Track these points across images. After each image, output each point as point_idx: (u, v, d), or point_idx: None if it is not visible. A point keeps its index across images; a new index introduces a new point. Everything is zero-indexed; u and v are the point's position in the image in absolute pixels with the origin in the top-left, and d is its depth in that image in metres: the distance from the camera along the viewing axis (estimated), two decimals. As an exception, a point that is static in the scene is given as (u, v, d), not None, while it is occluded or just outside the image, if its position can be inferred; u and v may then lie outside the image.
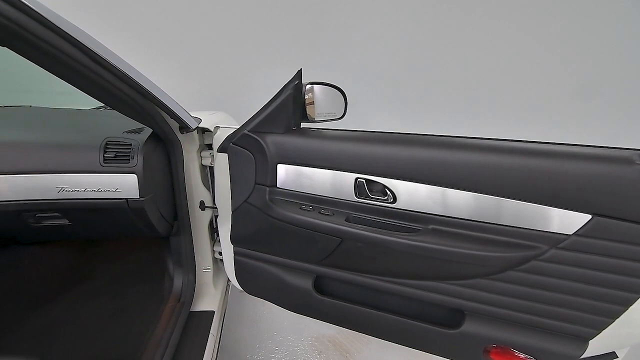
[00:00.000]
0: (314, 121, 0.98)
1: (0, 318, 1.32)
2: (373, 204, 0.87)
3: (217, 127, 1.23)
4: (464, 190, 0.78)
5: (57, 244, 1.67)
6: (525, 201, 0.74)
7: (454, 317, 0.89)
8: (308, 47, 2.75)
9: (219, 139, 1.18)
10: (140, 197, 1.08)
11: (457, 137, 0.85)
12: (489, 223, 0.78)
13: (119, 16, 2.54)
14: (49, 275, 1.60)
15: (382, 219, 0.86)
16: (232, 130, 1.05)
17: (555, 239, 0.72)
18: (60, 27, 0.59)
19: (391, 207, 0.85)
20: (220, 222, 1.27)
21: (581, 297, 0.74)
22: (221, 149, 1.05)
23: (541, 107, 2.77)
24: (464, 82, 2.81)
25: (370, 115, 2.79)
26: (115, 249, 1.83)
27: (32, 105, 1.47)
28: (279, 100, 0.91)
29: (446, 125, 2.86)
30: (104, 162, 1.05)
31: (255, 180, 0.98)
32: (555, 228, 0.72)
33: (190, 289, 1.33)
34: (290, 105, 0.91)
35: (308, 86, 0.94)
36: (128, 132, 1.12)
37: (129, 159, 1.06)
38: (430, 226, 0.83)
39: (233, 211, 1.05)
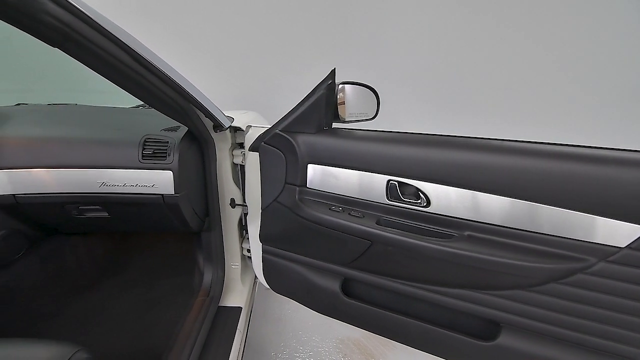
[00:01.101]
0: (344, 121, 0.97)
1: (43, 304, 1.41)
2: (405, 207, 0.84)
3: (249, 126, 1.24)
4: (503, 195, 0.74)
5: (96, 235, 1.76)
6: (570, 209, 0.69)
7: (488, 329, 0.85)
8: (337, 46, 2.74)
9: (250, 138, 1.20)
10: (175, 193, 1.11)
11: (495, 139, 0.81)
12: (530, 231, 0.74)
13: (153, 16, 2.64)
14: (88, 264, 1.69)
15: (414, 223, 0.84)
16: (263, 130, 1.06)
17: (604, 252, 0.67)
18: (108, 29, 0.62)
19: (424, 211, 0.82)
20: (249, 219, 1.29)
21: (634, 316, 0.68)
22: (252, 148, 1.06)
23: (591, 109, 2.61)
24: (502, 82, 2.69)
25: (398, 115, 2.74)
26: (150, 242, 1.90)
27: (77, 103, 1.56)
28: (311, 100, 0.91)
29: (482, 127, 2.75)
30: (143, 159, 1.10)
31: (285, 180, 0.98)
32: (603, 239, 0.67)
33: (219, 284, 1.36)
34: (323, 105, 0.91)
35: (340, 86, 0.93)
36: (165, 130, 1.16)
37: (166, 156, 1.10)
38: (466, 232, 0.80)
39: (263, 210, 1.06)
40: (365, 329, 1.04)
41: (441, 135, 0.88)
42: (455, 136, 0.86)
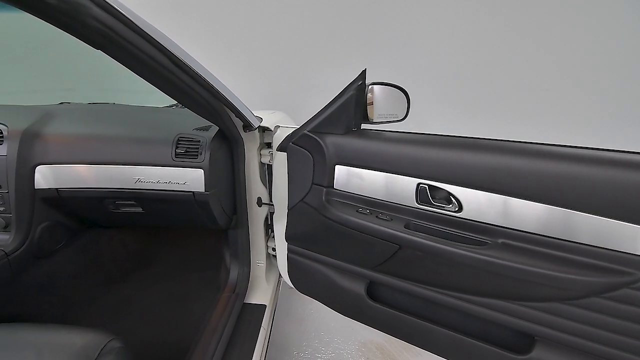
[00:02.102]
0: (373, 122, 0.95)
1: (80, 292, 1.49)
2: (436, 212, 0.82)
3: (277, 127, 1.26)
4: (540, 202, 0.70)
5: (131, 229, 1.84)
6: (615, 219, 0.64)
7: (521, 342, 0.81)
8: (365, 47, 2.71)
9: (278, 138, 1.21)
10: (205, 191, 1.14)
11: (532, 143, 0.77)
12: (569, 241, 0.70)
13: (184, 16, 2.71)
14: (122, 257, 1.77)
15: (445, 229, 0.81)
16: (291, 130, 1.07)
17: None
18: (147, 31, 0.64)
19: (456, 216, 0.80)
20: (275, 219, 1.31)
21: None
22: (280, 148, 1.07)
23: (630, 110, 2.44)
24: (535, 83, 2.57)
25: (426, 116, 2.68)
26: (179, 238, 1.97)
27: (115, 103, 1.64)
28: (340, 101, 0.90)
29: (515, 130, 2.64)
30: (175, 157, 1.13)
31: (312, 180, 0.98)
32: None
33: (244, 281, 1.38)
34: (352, 106, 0.90)
35: (369, 86, 0.92)
36: (197, 129, 1.20)
37: (197, 155, 1.13)
38: (500, 240, 0.76)
39: (289, 209, 1.07)
40: (390, 333, 1.03)
41: (474, 138, 0.85)
42: (489, 139, 0.83)
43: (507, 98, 2.66)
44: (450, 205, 0.80)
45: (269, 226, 1.47)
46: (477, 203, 0.77)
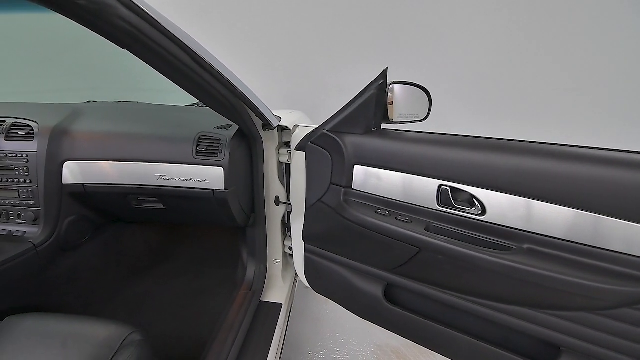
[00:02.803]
0: (393, 122, 0.94)
1: (103, 285, 1.54)
2: (458, 215, 0.80)
3: (296, 126, 1.26)
4: (570, 207, 0.67)
5: (152, 225, 1.88)
6: None
7: (546, 351, 0.78)
8: (386, 47, 2.68)
9: (297, 137, 1.21)
10: (224, 189, 1.15)
11: (560, 145, 0.74)
12: (600, 248, 0.66)
13: (203, 13, 2.74)
14: (143, 251, 1.82)
15: (467, 232, 0.79)
16: (310, 129, 1.06)
17: None
18: (172, 31, 0.65)
19: (479, 220, 0.77)
20: (293, 218, 1.31)
21: None
22: (299, 148, 1.07)
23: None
24: (561, 82, 2.47)
25: (447, 116, 2.62)
26: (198, 234, 2.01)
27: (139, 101, 1.68)
28: (360, 100, 0.89)
29: (541, 132, 2.55)
30: (196, 155, 1.15)
31: (330, 180, 0.98)
32: None
33: (261, 279, 1.39)
34: (373, 106, 0.89)
35: (390, 86, 0.91)
36: (218, 128, 1.21)
37: (218, 153, 1.14)
38: (525, 245, 0.73)
39: (306, 209, 1.07)
40: (407, 337, 1.01)
41: (499, 139, 0.82)
42: (514, 140, 0.80)
43: (533, 98, 2.57)
44: (473, 208, 0.78)
45: (286, 225, 1.47)
46: (502, 206, 0.75)
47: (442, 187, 0.81)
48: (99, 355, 0.79)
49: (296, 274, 1.51)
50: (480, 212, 0.77)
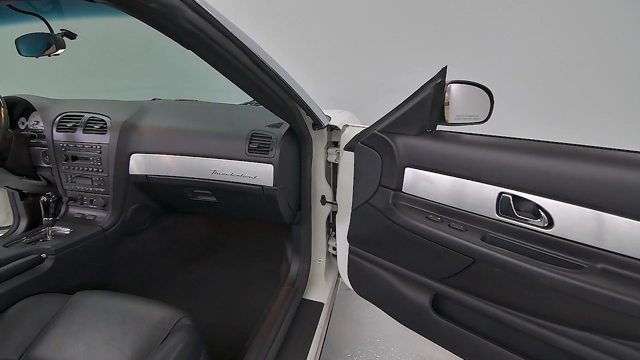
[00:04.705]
0: (449, 124, 0.89)
1: (158, 269, 1.65)
2: (519, 226, 0.73)
3: (345, 126, 1.25)
4: None
5: (204, 217, 1.99)
6: None
7: None
8: (440, 47, 2.57)
9: (346, 137, 1.20)
10: (273, 186, 1.18)
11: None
12: None
13: (259, 12, 2.82)
14: (195, 241, 1.93)
15: (530, 245, 0.72)
16: (360, 129, 1.05)
17: None
18: (233, 32, 0.68)
19: (545, 233, 0.70)
20: (338, 218, 1.30)
21: None
22: (348, 147, 1.06)
23: None
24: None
25: (506, 117, 2.44)
26: (246, 228, 2.08)
27: (198, 100, 1.78)
28: (416, 100, 0.86)
29: (617, 138, 2.28)
30: (249, 152, 1.19)
31: (379, 182, 0.95)
32: None
33: (304, 277, 1.40)
34: (429, 106, 0.85)
35: (447, 85, 0.86)
36: (270, 126, 1.24)
37: (269, 151, 1.17)
38: (599, 265, 0.65)
39: (353, 210, 1.05)
40: (454, 352, 0.95)
41: (569, 144, 0.74)
42: (588, 146, 0.72)
43: (606, 100, 2.31)
44: (539, 220, 0.71)
45: (330, 225, 1.47)
46: (572, 219, 0.67)
47: (503, 195, 0.74)
48: (153, 335, 0.85)
49: (339, 274, 1.50)
50: (546, 225, 0.70)
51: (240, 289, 1.62)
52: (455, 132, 0.90)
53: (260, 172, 1.18)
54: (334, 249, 1.46)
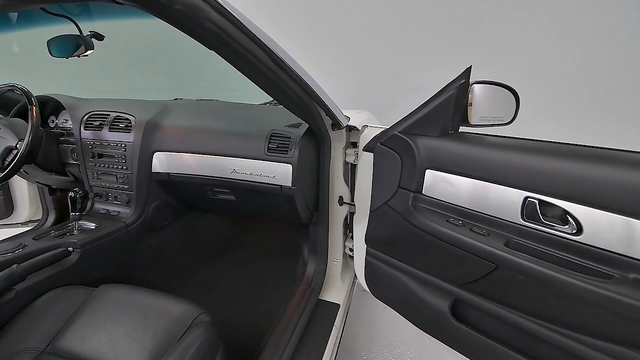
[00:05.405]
0: (472, 125, 0.87)
1: (177, 265, 1.69)
2: (546, 232, 0.70)
3: (364, 126, 1.24)
4: None
5: (223, 215, 2.02)
6: None
7: None
8: (462, 46, 2.51)
9: (365, 137, 1.19)
10: (292, 186, 1.18)
11: None
12: None
13: (279, 10, 2.83)
14: (214, 239, 1.96)
15: (556, 252, 0.69)
16: (379, 130, 1.03)
17: None
18: (255, 33, 0.68)
19: (573, 240, 0.67)
20: (356, 219, 1.29)
21: None
22: (367, 148, 1.05)
23: None
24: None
25: (531, 119, 2.36)
26: (264, 227, 2.10)
27: (218, 99, 1.81)
28: (438, 101, 0.84)
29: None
30: (268, 151, 1.20)
31: (399, 184, 0.94)
32: None
33: (320, 277, 1.40)
34: (451, 107, 0.83)
35: (471, 85, 0.84)
36: (289, 126, 1.24)
37: (288, 151, 1.17)
38: (632, 275, 0.62)
39: (371, 211, 1.04)
40: (473, 359, 0.93)
41: (602, 147, 0.71)
42: (623, 150, 0.68)
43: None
44: (567, 226, 0.68)
45: (347, 226, 1.46)
46: (603, 227, 0.64)
47: (529, 199, 0.72)
48: (172, 330, 0.87)
49: (355, 276, 1.49)
50: (574, 231, 0.67)
51: (256, 287, 1.64)
52: (479, 134, 0.87)
53: (279, 172, 1.19)
54: (351, 250, 1.45)
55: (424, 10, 2.51)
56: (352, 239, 1.38)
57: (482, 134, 0.87)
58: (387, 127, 0.98)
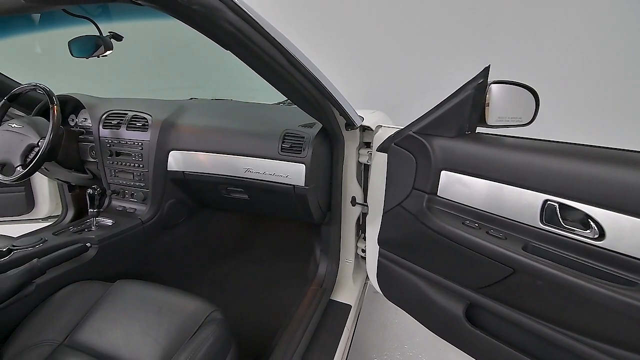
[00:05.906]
0: (489, 126, 0.85)
1: (191, 263, 1.71)
2: (566, 236, 0.68)
3: (378, 126, 1.23)
4: None
5: (236, 214, 2.03)
6: None
7: None
8: (478, 45, 2.47)
9: (379, 138, 1.18)
10: (305, 186, 1.18)
11: None
12: None
13: (292, 9, 2.83)
14: (226, 237, 1.97)
15: (577, 258, 0.67)
16: (393, 130, 1.02)
17: None
18: (270, 33, 0.68)
19: (595, 245, 0.65)
20: (369, 220, 1.28)
21: None
22: (381, 149, 1.03)
23: None
24: None
25: (550, 120, 2.30)
26: (276, 227, 2.11)
27: (233, 99, 1.82)
28: (455, 101, 0.82)
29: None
30: (281, 151, 1.20)
31: (413, 185, 0.93)
32: None
33: (332, 277, 1.39)
34: (469, 107, 0.81)
35: (489, 85, 0.82)
36: (302, 125, 1.24)
37: (301, 150, 1.17)
38: None
39: (384, 213, 1.03)
40: None
41: (625, 150, 0.69)
42: None
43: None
44: (588, 231, 0.66)
45: (360, 226, 1.45)
46: (627, 231, 0.62)
47: (549, 202, 0.70)
48: (186, 327, 0.88)
49: (367, 277, 1.48)
50: (596, 236, 0.65)
51: (268, 286, 1.65)
52: (497, 135, 0.85)
53: (292, 172, 1.19)
54: (363, 250, 1.44)
55: (440, 9, 2.48)
56: (365, 240, 1.37)
57: (499, 135, 0.85)
58: (402, 127, 0.97)
